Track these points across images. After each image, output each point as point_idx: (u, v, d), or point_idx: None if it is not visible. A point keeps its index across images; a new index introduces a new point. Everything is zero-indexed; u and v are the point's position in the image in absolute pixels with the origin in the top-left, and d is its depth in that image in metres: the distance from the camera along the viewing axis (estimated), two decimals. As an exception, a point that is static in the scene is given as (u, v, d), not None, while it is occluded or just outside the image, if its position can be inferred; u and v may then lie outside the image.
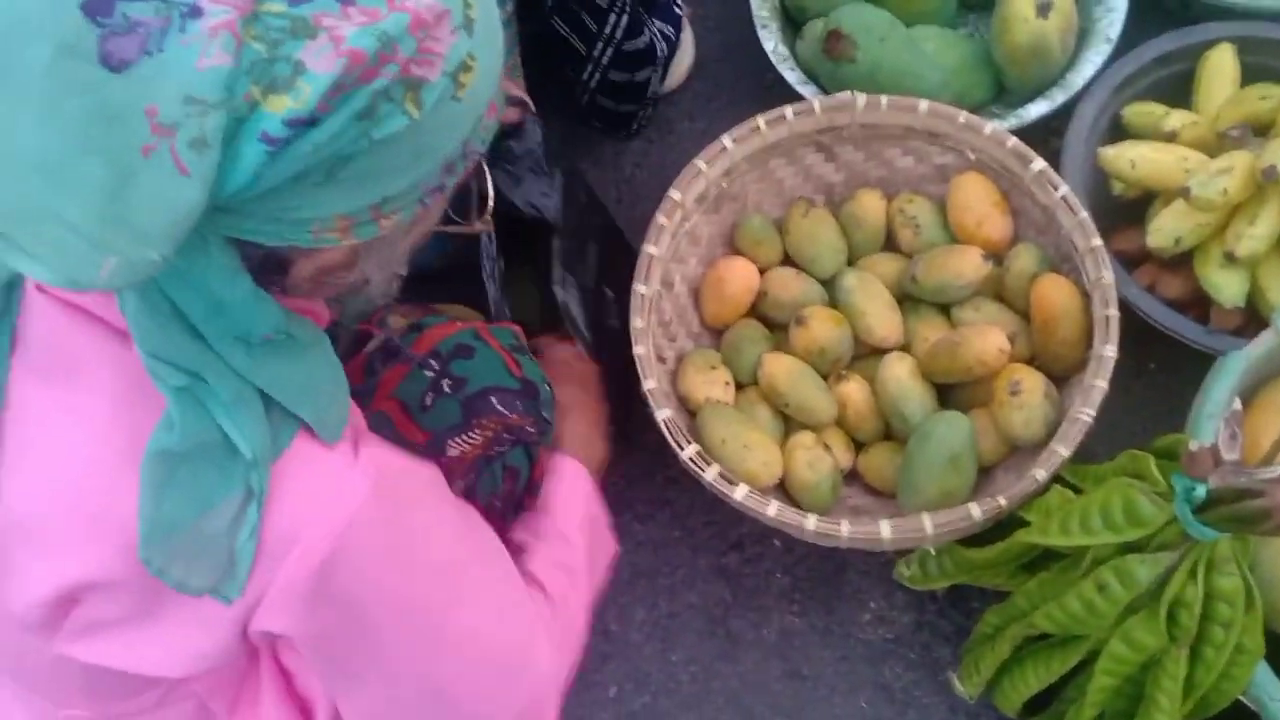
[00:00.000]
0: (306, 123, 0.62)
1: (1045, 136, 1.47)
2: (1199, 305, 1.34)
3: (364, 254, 0.75)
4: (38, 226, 0.60)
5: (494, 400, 1.03)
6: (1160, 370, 1.43)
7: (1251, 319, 1.31)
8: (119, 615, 0.77)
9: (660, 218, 1.32)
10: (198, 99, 0.59)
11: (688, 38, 1.67)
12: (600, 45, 1.50)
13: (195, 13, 0.59)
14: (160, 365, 0.69)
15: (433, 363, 1.05)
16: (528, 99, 1.36)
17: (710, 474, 1.19)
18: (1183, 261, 1.33)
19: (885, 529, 1.15)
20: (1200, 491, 0.95)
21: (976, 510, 1.14)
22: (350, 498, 0.75)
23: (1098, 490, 1.06)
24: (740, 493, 1.17)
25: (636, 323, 1.27)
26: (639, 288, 1.28)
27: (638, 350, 1.26)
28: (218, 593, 0.74)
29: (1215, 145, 1.33)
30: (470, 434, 1.03)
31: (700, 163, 1.34)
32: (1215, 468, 0.95)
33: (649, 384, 1.24)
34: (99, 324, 0.73)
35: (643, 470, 1.42)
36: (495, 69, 0.72)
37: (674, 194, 1.33)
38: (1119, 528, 1.01)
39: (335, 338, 0.83)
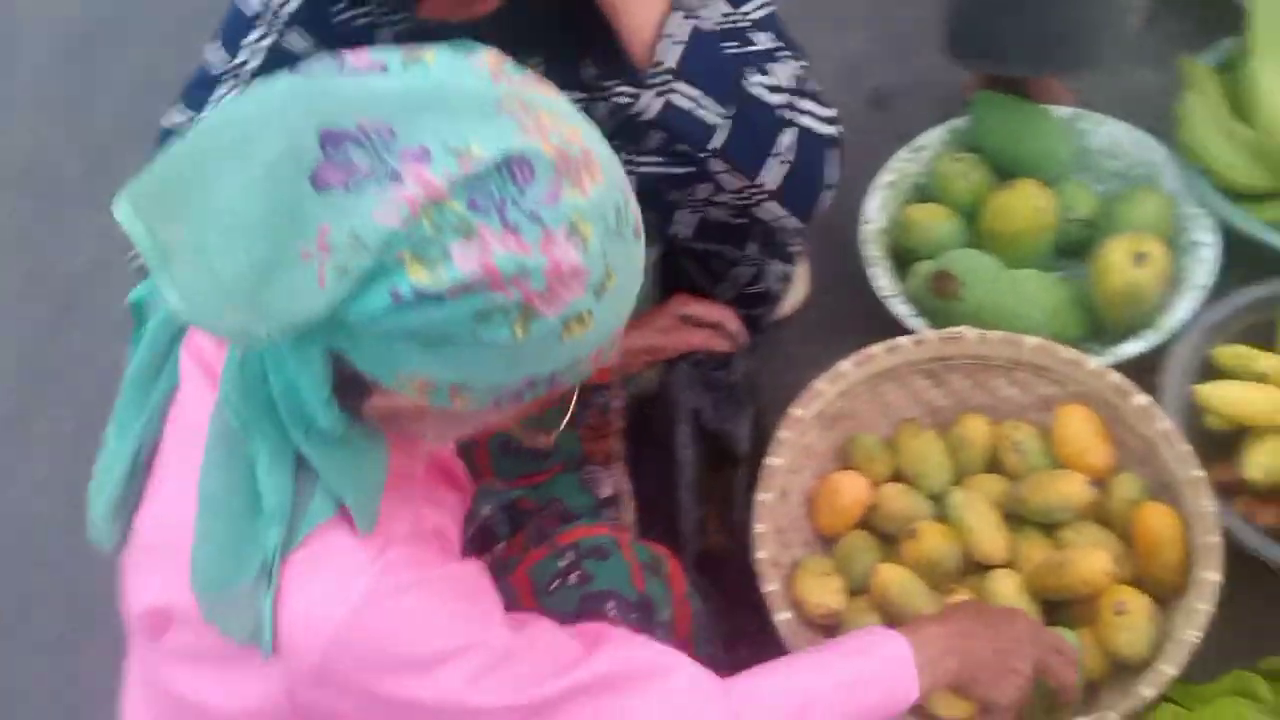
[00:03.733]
0: (432, 298, 0.73)
1: (1137, 373, 1.56)
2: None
3: (432, 415, 0.85)
4: (195, 261, 0.73)
5: (610, 605, 1.09)
6: (1255, 593, 1.45)
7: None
8: (195, 649, 0.90)
9: (783, 432, 1.42)
10: (361, 240, 0.72)
11: (802, 271, 1.81)
12: (723, 285, 1.59)
13: (396, 177, 0.72)
14: (228, 408, 0.85)
15: (570, 553, 1.13)
16: (745, 338, 1.50)
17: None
18: (1278, 493, 1.40)
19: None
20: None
21: (1086, 724, 1.19)
22: (356, 590, 0.84)
23: (1208, 708, 1.11)
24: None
25: (759, 528, 1.36)
26: (762, 496, 1.38)
27: (759, 555, 1.34)
28: (256, 642, 0.84)
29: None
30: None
31: (821, 384, 1.46)
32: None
33: (770, 587, 1.32)
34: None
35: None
36: (609, 331, 0.82)
37: (796, 411, 1.44)
38: (1233, 744, 1.06)
39: None
